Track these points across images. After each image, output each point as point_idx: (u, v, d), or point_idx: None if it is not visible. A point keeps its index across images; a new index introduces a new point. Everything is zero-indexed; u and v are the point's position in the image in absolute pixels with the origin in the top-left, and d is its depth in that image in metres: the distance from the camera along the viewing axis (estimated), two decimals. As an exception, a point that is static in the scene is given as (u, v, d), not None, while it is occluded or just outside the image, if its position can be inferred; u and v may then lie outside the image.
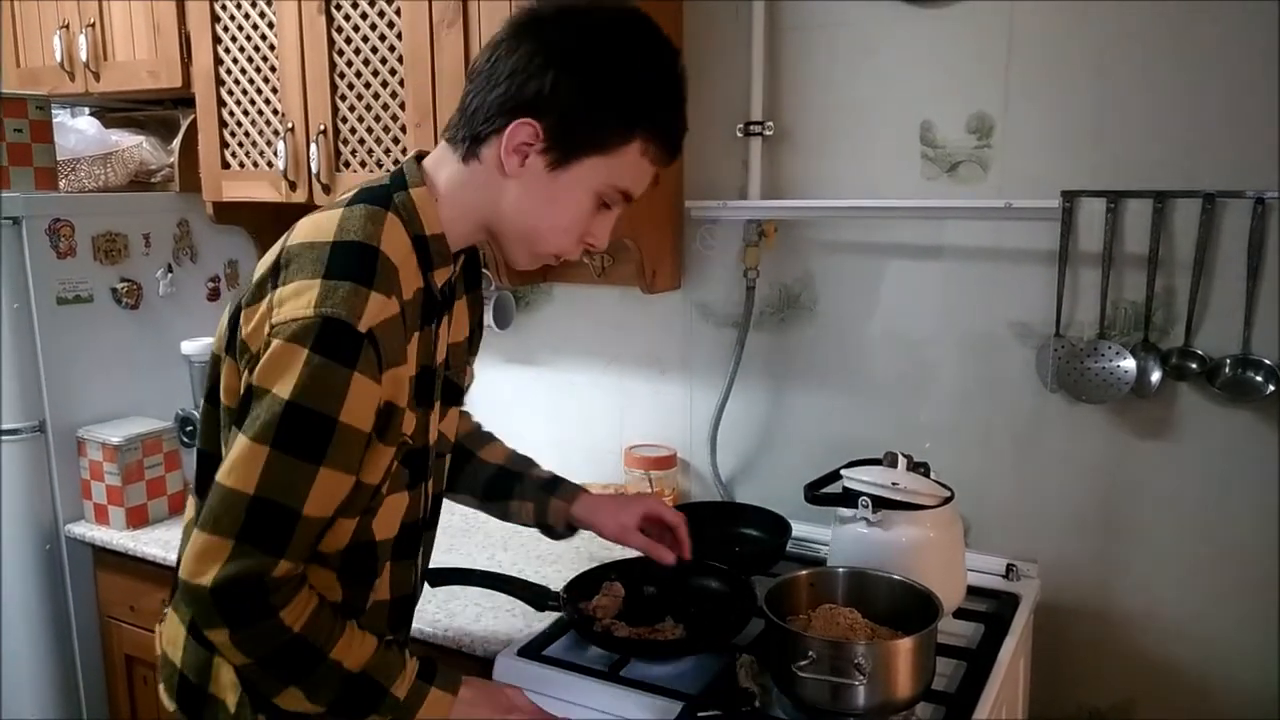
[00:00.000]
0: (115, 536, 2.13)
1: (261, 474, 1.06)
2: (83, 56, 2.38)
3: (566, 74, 1.13)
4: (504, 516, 1.58)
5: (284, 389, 1.05)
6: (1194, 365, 1.67)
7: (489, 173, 1.18)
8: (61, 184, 2.30)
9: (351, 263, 1.10)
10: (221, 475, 1.08)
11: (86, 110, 2.59)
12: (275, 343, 1.06)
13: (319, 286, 1.07)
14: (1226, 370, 1.65)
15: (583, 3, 1.18)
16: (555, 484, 1.57)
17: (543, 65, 1.13)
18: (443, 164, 1.22)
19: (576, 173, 1.17)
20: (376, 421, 1.12)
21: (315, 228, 1.15)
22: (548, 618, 1.63)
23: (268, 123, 2.15)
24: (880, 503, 1.55)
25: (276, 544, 1.08)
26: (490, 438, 1.62)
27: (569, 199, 1.19)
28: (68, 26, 2.40)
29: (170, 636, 1.29)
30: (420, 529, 1.32)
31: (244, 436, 1.07)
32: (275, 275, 1.12)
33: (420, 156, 1.24)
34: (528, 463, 1.61)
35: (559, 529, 1.57)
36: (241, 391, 1.11)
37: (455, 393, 1.35)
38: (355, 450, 1.11)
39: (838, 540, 1.63)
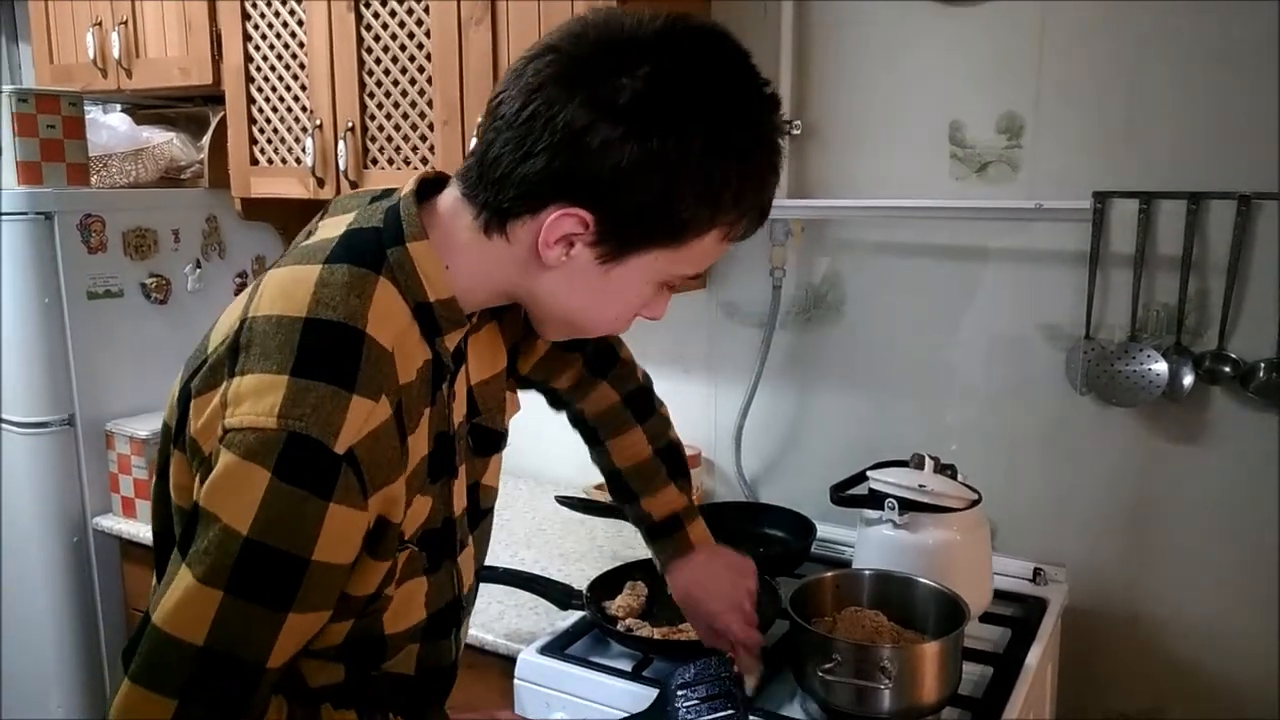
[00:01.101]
0: (142, 530, 2.14)
1: (213, 623, 0.81)
2: (115, 54, 2.40)
3: (632, 152, 0.84)
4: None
5: (240, 521, 0.81)
6: (1227, 369, 1.65)
7: (519, 253, 0.92)
8: (93, 180, 2.33)
9: (328, 354, 0.85)
10: (161, 617, 0.83)
11: (118, 107, 2.62)
12: (228, 457, 0.82)
13: (285, 387, 0.82)
14: (1261, 374, 1.62)
15: (648, 26, 0.87)
16: (657, 533, 1.39)
17: (602, 140, 0.84)
18: (458, 220, 0.94)
19: (635, 264, 0.92)
20: (365, 544, 0.89)
21: (286, 294, 0.88)
22: (570, 616, 1.63)
23: (296, 120, 2.16)
24: (907, 505, 1.54)
25: (235, 704, 0.85)
26: (626, 424, 1.38)
27: (623, 291, 0.96)
28: (101, 24, 2.42)
29: None
30: (459, 605, 1.09)
31: (189, 572, 0.82)
32: (234, 357, 0.86)
33: (422, 188, 0.96)
34: (649, 481, 1.39)
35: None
36: (193, 500, 0.85)
37: (493, 440, 1.13)
38: (335, 585, 0.87)
39: (863, 542, 1.62)
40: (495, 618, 1.67)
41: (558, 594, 1.62)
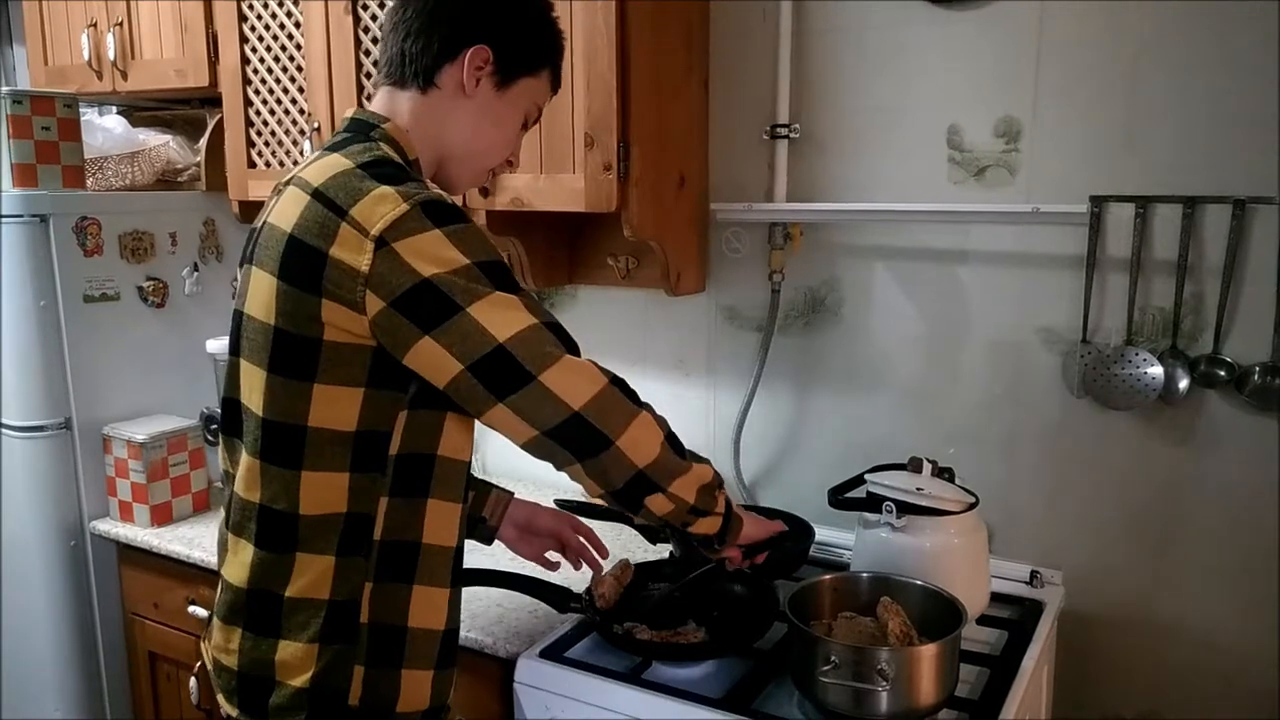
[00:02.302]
0: (139, 534, 2.14)
1: (514, 314, 1.11)
2: (110, 55, 2.40)
3: (505, 11, 1.29)
4: None
5: (455, 259, 1.10)
6: (1222, 373, 1.66)
7: (449, 96, 1.27)
8: (89, 182, 2.32)
9: (391, 169, 1.16)
10: (486, 342, 1.10)
11: (114, 109, 2.61)
12: (400, 244, 1.08)
13: (391, 190, 1.11)
14: (1255, 378, 1.63)
15: None
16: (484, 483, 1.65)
17: (483, 6, 1.27)
18: (396, 102, 1.28)
19: (514, 93, 1.31)
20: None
21: (320, 171, 1.16)
22: (570, 619, 1.63)
23: (294, 122, 2.16)
24: (904, 508, 1.55)
25: (568, 338, 1.18)
26: None
27: (508, 117, 1.33)
28: (96, 25, 2.42)
29: (219, 643, 1.25)
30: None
31: (471, 310, 1.09)
32: (334, 211, 1.11)
33: (359, 115, 1.28)
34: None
35: (490, 524, 1.62)
36: (372, 318, 1.10)
37: None
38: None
39: (861, 545, 1.63)
40: (495, 620, 1.68)
41: (557, 597, 1.62)
